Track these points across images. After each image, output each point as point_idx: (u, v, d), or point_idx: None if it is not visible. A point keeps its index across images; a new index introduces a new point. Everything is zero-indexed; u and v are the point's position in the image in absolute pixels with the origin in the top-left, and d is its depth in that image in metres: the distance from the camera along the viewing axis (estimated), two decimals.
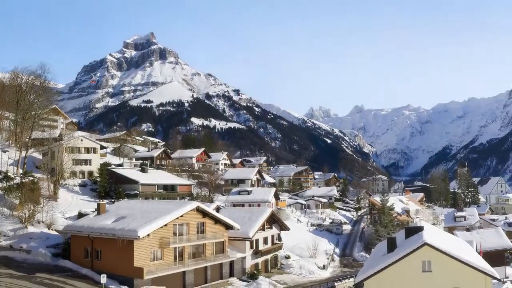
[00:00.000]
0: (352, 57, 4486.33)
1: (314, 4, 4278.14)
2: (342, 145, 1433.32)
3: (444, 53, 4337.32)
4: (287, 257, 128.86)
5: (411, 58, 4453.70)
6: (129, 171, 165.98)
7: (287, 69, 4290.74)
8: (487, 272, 71.22)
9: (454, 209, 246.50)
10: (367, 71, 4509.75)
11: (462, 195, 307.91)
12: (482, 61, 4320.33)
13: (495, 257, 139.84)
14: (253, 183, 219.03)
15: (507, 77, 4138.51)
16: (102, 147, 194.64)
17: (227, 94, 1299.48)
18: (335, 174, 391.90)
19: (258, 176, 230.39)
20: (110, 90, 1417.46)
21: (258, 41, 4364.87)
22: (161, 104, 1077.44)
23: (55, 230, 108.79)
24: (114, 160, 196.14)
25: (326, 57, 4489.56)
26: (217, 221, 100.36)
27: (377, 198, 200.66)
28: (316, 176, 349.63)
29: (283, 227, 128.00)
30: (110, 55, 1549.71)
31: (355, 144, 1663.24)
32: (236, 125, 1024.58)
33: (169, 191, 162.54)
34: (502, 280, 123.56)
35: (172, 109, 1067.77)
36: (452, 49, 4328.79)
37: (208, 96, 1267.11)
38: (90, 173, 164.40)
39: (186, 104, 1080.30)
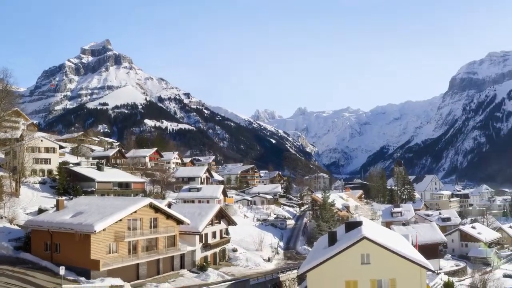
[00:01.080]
0: (296, 62, 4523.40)
1: (259, 10, 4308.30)
2: (286, 145, 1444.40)
3: (382, 58, 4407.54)
4: (235, 250, 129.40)
5: (351, 62, 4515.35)
6: (86, 169, 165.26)
7: (234, 73, 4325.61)
8: (422, 264, 72.96)
9: (391, 205, 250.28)
10: (310, 75, 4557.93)
11: (398, 192, 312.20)
12: (417, 66, 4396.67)
13: (430, 250, 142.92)
14: (202, 180, 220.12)
15: (441, 81, 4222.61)
16: (61, 147, 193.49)
17: (178, 97, 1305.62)
18: (280, 172, 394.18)
19: (207, 174, 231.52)
20: (69, 93, 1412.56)
21: (207, 47, 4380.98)
22: (116, 107, 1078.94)
23: (17, 225, 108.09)
24: (72, 159, 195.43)
25: (271, 62, 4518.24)
26: (168, 216, 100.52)
27: (319, 195, 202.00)
28: (261, 174, 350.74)
29: (230, 222, 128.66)
30: (69, 60, 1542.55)
31: (298, 144, 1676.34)
32: (187, 127, 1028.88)
33: (123, 188, 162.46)
34: (436, 271, 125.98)
35: (126, 111, 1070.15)
36: (389, 54, 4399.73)
37: (160, 99, 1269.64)
38: (50, 171, 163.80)
39: (140, 107, 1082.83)
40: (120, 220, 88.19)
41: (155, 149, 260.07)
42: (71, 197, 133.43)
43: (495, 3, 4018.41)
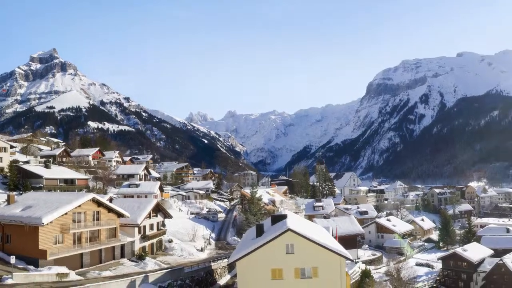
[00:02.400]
0: (227, 68, 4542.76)
1: (192, 21, 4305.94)
2: (218, 145, 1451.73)
3: (305, 65, 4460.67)
4: (170, 241, 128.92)
5: (277, 69, 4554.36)
6: (35, 167, 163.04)
7: (170, 79, 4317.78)
8: (342, 253, 73.72)
9: (313, 199, 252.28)
10: (240, 81, 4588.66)
11: (320, 187, 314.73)
12: (337, 72, 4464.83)
13: (349, 241, 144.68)
14: (141, 177, 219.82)
15: (359, 86, 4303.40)
16: (11, 147, 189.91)
17: (118, 101, 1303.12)
18: (212, 170, 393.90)
19: (145, 171, 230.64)
20: (19, 97, 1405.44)
21: (146, 55, 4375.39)
22: (62, 110, 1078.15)
23: None
24: (22, 158, 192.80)
25: (203, 69, 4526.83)
26: (110, 210, 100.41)
27: (247, 190, 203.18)
28: (195, 172, 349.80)
29: (166, 215, 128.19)
30: (19, 67, 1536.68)
31: (229, 144, 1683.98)
32: (127, 128, 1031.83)
33: (69, 184, 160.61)
34: (354, 260, 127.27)
35: (71, 114, 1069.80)
36: (312, 61, 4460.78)
37: (103, 103, 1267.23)
38: (1, 169, 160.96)
39: (84, 110, 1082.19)
40: (66, 213, 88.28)
41: (98, 148, 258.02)
42: (21, 192, 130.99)
43: (408, 15, 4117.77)
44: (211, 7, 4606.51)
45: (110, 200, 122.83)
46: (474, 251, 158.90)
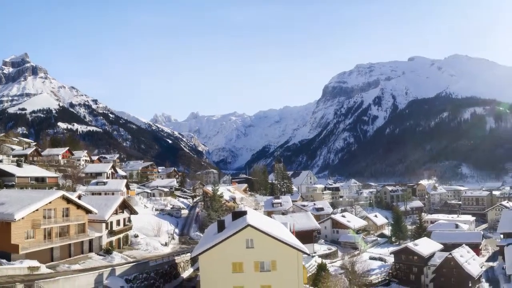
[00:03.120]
0: (190, 70, 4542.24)
1: (157, 26, 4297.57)
2: (181, 145, 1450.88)
3: (265, 68, 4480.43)
4: (136, 236, 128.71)
5: (238, 72, 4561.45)
6: (7, 166, 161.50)
7: (136, 81, 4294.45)
8: (299, 248, 74.40)
9: (272, 197, 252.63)
10: (202, 83, 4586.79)
11: (278, 185, 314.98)
12: (295, 76, 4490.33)
13: (306, 236, 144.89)
14: (108, 175, 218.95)
15: (315, 89, 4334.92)
16: None
17: (87, 103, 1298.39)
18: (175, 169, 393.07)
19: (112, 170, 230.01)
20: None
21: (112, 57, 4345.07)
22: (33, 112, 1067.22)
23: None
24: None
25: (168, 72, 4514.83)
26: (79, 206, 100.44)
27: (209, 188, 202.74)
28: (159, 170, 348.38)
29: (132, 212, 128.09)
30: None
31: (192, 144, 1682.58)
32: (95, 129, 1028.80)
33: (40, 182, 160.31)
34: (311, 254, 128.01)
35: (42, 115, 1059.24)
36: (271, 65, 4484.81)
37: (72, 105, 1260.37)
38: None
39: (54, 111, 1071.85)
40: (37, 210, 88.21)
41: (67, 148, 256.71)
42: None
43: (362, 21, 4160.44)
44: (177, 12, 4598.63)
45: (79, 197, 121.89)
46: (424, 246, 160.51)
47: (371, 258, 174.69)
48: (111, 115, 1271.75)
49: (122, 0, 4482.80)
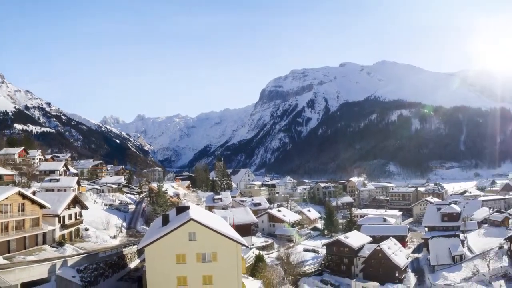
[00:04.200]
0: (137, 75, 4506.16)
1: (104, 34, 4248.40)
2: (128, 145, 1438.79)
3: (207, 73, 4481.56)
4: (87, 229, 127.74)
5: (183, 75, 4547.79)
6: None
7: (87, 85, 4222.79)
8: (238, 240, 75.63)
9: (213, 193, 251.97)
10: (148, 87, 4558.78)
11: (219, 182, 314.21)
12: (234, 80, 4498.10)
13: (244, 229, 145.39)
14: (60, 173, 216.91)
15: (253, 93, 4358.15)
16: None
17: (41, 106, 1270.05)
18: (123, 167, 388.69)
19: (64, 168, 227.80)
20: None
21: (64, 63, 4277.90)
22: None
23: None
24: None
25: (115, 77, 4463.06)
26: (33, 202, 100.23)
27: (154, 185, 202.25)
28: (108, 168, 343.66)
29: (83, 207, 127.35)
30: None
31: (138, 144, 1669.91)
32: (48, 130, 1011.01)
33: None
34: (249, 246, 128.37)
35: None
36: (213, 70, 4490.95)
37: (27, 108, 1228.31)
38: None
39: (10, 114, 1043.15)
40: None
41: (23, 148, 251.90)
42: None
43: (297, 29, 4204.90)
44: (125, 20, 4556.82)
45: (34, 193, 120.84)
46: (354, 238, 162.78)
47: (305, 250, 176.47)
48: (63, 117, 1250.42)
49: (74, 9, 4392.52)
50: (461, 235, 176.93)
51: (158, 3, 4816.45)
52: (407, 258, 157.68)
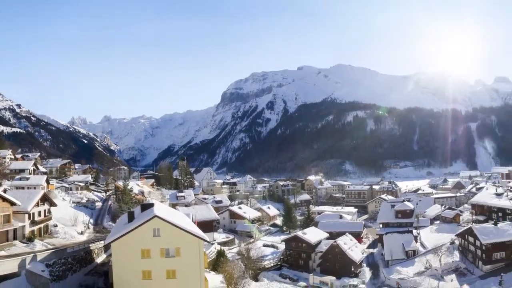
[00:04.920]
0: (104, 78, 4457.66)
1: (72, 39, 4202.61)
2: (95, 145, 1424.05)
3: (169, 75, 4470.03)
4: (55, 226, 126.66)
5: (145, 78, 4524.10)
6: None
7: (55, 86, 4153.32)
8: (200, 236, 76.23)
9: (176, 190, 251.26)
10: (115, 89, 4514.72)
11: (182, 180, 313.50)
12: (197, 82, 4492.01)
13: (206, 225, 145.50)
14: (30, 172, 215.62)
15: (215, 95, 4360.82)
16: None
17: (11, 107, 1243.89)
18: (90, 166, 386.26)
19: (34, 167, 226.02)
20: None
21: (33, 65, 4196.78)
22: None
23: None
24: None
25: (82, 79, 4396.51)
26: (4, 199, 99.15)
27: (120, 183, 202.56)
28: (76, 167, 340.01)
29: (52, 204, 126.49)
30: None
31: (105, 144, 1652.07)
32: (18, 130, 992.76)
33: None
34: (211, 242, 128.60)
35: None
36: (177, 73, 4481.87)
37: None
38: None
39: None
40: None
41: None
42: None
43: (256, 34, 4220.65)
44: (94, 24, 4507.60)
45: (5, 191, 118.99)
46: (312, 234, 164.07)
47: (265, 245, 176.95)
48: (33, 118, 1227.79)
49: (45, 14, 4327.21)
50: (414, 231, 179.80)
51: (124, 10, 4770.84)
52: (363, 253, 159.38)
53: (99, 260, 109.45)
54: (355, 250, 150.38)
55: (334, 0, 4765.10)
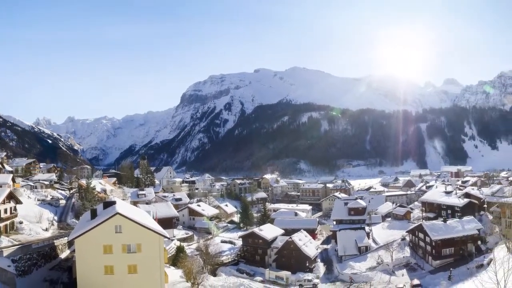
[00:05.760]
0: (67, 80, 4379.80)
1: (36, 42, 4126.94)
2: (60, 144, 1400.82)
3: (130, 77, 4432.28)
4: (21, 223, 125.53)
5: (107, 81, 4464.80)
6: None
7: (21, 88, 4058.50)
8: (160, 232, 77.00)
9: (137, 189, 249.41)
10: (78, 90, 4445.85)
11: (143, 179, 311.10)
12: (158, 85, 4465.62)
13: (166, 222, 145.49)
14: None
15: (175, 96, 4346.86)
16: None
17: None
18: (55, 165, 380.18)
19: (0, 166, 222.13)
20: None
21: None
22: None
23: None
24: None
25: (46, 80, 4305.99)
26: None
27: (83, 181, 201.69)
28: (41, 166, 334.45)
29: (18, 201, 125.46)
30: None
31: (69, 143, 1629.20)
32: None
33: None
34: (171, 238, 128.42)
35: None
36: (136, 74, 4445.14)
37: None
38: None
39: None
40: None
41: None
42: None
43: (214, 37, 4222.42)
44: (59, 27, 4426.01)
45: None
46: (268, 231, 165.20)
47: (223, 242, 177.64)
48: None
49: (16, 15, 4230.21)
50: (367, 228, 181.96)
51: (86, 13, 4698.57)
52: (317, 249, 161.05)
53: (63, 255, 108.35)
54: (309, 246, 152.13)
55: (290, 5, 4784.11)
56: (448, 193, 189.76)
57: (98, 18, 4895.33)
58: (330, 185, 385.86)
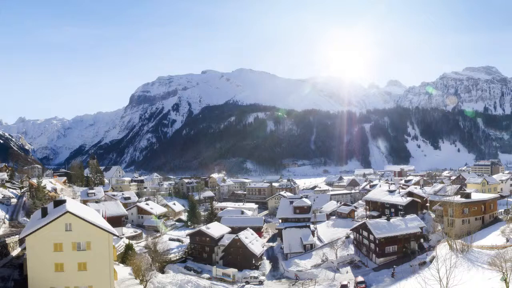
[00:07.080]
0: (17, 81, 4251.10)
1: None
2: (11, 144, 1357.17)
3: (79, 78, 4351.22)
4: None
5: (57, 81, 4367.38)
6: None
7: None
8: (109, 231, 76.65)
9: (87, 188, 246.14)
10: (29, 91, 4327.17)
11: (93, 178, 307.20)
12: (107, 86, 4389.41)
13: (115, 221, 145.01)
14: None
15: (124, 97, 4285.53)
16: None
17: None
18: (6, 164, 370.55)
19: None
20: None
21: None
22: None
23: None
24: None
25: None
26: None
27: (34, 180, 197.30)
28: None
29: None
30: None
31: (20, 143, 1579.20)
32: None
33: None
34: (120, 236, 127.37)
35: None
36: (85, 75, 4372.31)
37: None
38: None
39: None
40: None
41: None
42: None
43: (162, 40, 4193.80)
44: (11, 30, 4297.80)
45: None
46: (215, 229, 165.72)
47: (171, 239, 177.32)
48: None
49: None
50: (312, 226, 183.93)
51: (33, 16, 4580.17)
52: (263, 247, 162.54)
53: (14, 253, 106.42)
54: (256, 244, 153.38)
55: (234, 9, 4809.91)
56: (391, 192, 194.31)
57: (45, 19, 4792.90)
58: (276, 184, 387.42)
